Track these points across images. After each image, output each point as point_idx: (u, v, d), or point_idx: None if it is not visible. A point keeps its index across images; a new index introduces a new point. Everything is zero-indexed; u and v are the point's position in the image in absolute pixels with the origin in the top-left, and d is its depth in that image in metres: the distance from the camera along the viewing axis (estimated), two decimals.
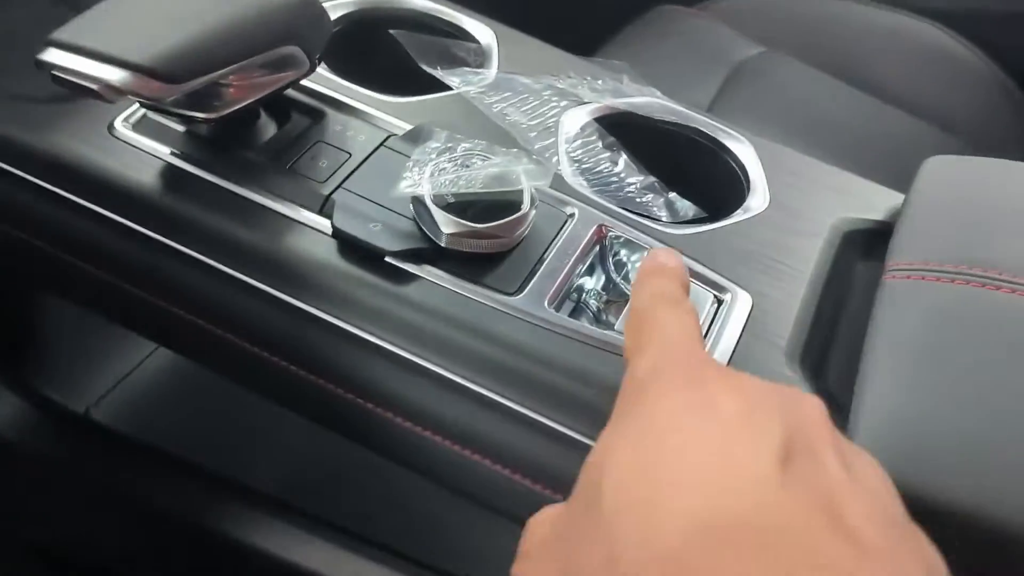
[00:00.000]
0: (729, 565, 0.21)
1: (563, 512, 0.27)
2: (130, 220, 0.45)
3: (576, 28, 1.10)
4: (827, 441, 0.25)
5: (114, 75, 0.38)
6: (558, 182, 0.47)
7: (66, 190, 0.46)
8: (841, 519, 0.22)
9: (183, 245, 0.44)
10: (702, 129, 0.53)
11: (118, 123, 0.47)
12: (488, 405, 0.40)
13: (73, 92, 0.40)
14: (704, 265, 0.45)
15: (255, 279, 0.43)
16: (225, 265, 0.43)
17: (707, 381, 0.26)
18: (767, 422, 0.25)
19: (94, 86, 0.39)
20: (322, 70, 0.51)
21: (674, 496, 0.23)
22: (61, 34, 0.39)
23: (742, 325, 0.43)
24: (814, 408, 0.26)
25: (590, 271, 0.45)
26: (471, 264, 0.43)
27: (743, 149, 0.52)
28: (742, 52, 1.02)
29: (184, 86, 0.40)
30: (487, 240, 0.42)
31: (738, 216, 0.48)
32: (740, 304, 0.43)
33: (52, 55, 0.39)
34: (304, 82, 0.48)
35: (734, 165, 0.51)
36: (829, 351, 0.44)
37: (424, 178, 0.43)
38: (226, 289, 0.44)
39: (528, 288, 0.42)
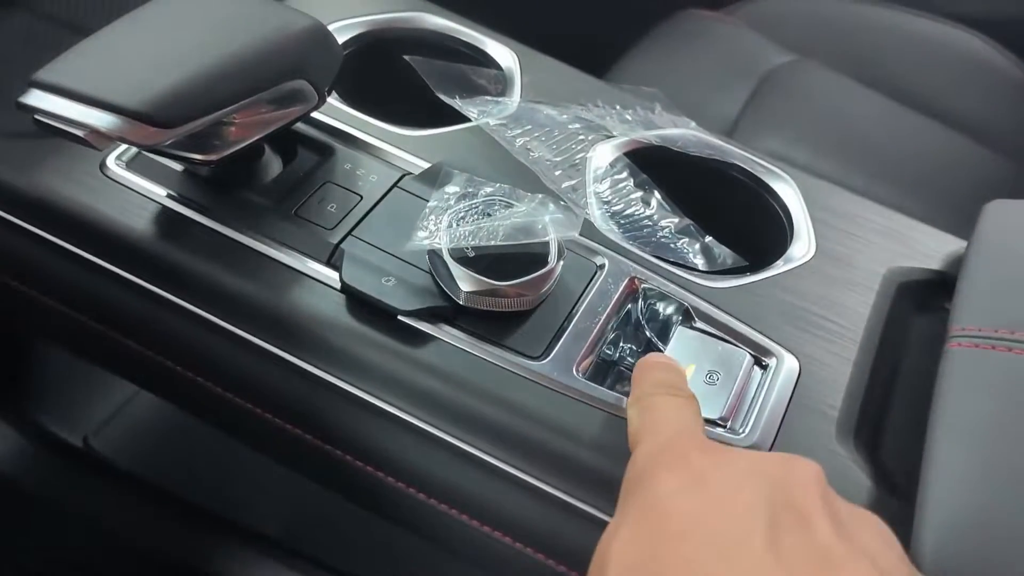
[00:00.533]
0: None
1: None
2: (123, 268, 0.41)
3: (596, 35, 1.07)
4: (818, 508, 0.25)
5: (103, 121, 0.35)
6: (587, 228, 0.44)
7: (54, 234, 0.43)
8: None
9: (180, 297, 0.41)
10: (742, 165, 0.49)
11: (110, 161, 0.43)
12: (509, 480, 0.37)
13: (58, 137, 0.36)
14: (746, 323, 0.41)
15: (257, 337, 0.40)
16: (225, 320, 0.40)
17: (696, 460, 0.27)
18: (755, 497, 0.25)
19: (81, 132, 0.35)
20: (331, 98, 0.48)
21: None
22: (45, 74, 0.36)
23: (790, 394, 0.39)
24: (806, 472, 0.27)
25: (622, 326, 0.42)
26: (492, 323, 0.39)
27: (786, 188, 0.48)
28: (771, 60, 0.97)
29: (180, 130, 0.36)
30: (510, 299, 0.38)
31: (782, 266, 0.44)
32: (787, 369, 0.40)
33: (35, 98, 0.36)
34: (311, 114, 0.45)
35: (776, 206, 0.47)
36: (885, 422, 0.40)
37: (441, 229, 0.39)
38: (226, 346, 0.40)
39: (555, 352, 0.39)
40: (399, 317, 0.39)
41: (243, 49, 0.38)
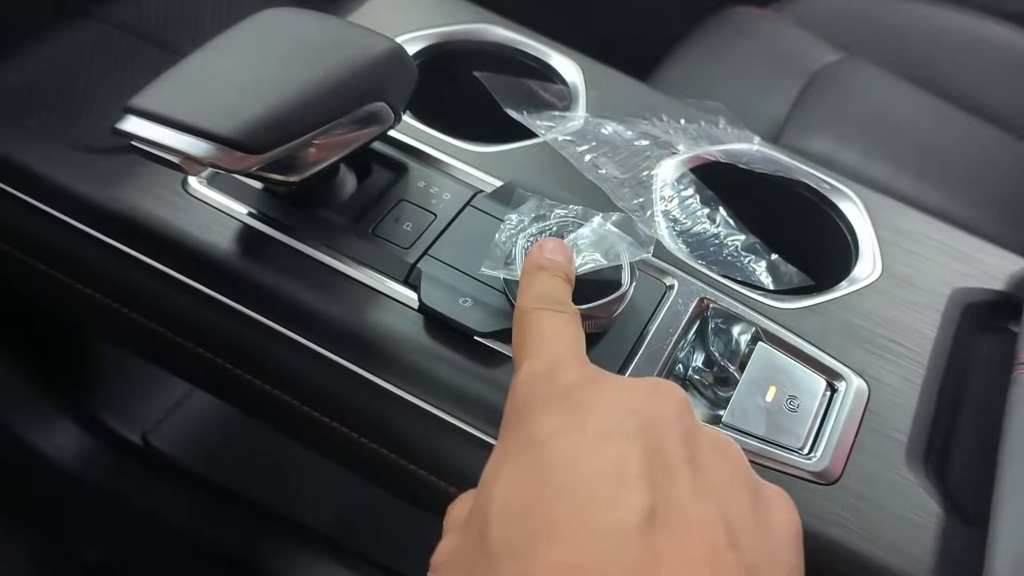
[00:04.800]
0: None
1: (463, 533, 0.28)
2: (204, 284, 0.42)
3: (641, 33, 1.06)
4: (680, 453, 0.26)
5: (196, 147, 0.36)
6: (655, 246, 0.44)
7: (136, 249, 0.44)
8: (679, 550, 0.24)
9: (260, 314, 0.42)
10: (807, 182, 0.49)
11: (192, 179, 0.44)
12: None
13: (151, 161, 0.37)
14: (815, 345, 0.42)
15: (335, 353, 0.41)
16: (304, 337, 0.41)
17: (575, 394, 0.28)
18: (626, 445, 0.26)
19: (175, 159, 0.36)
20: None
21: (548, 540, 0.24)
22: (139, 101, 0.37)
23: (859, 418, 0.39)
24: (671, 409, 0.28)
25: (692, 346, 0.42)
26: None
27: (851, 206, 0.48)
28: (819, 58, 0.97)
29: (268, 155, 0.37)
30: (586, 322, 0.39)
31: (848, 287, 0.45)
32: (856, 393, 0.40)
33: (131, 124, 0.37)
34: None
35: (841, 225, 0.48)
36: (952, 447, 0.40)
37: (517, 253, 0.40)
38: (305, 362, 0.41)
39: (628, 373, 0.39)
40: (476, 338, 0.40)
41: (328, 75, 0.39)
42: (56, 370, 0.65)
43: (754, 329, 0.42)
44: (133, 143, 0.37)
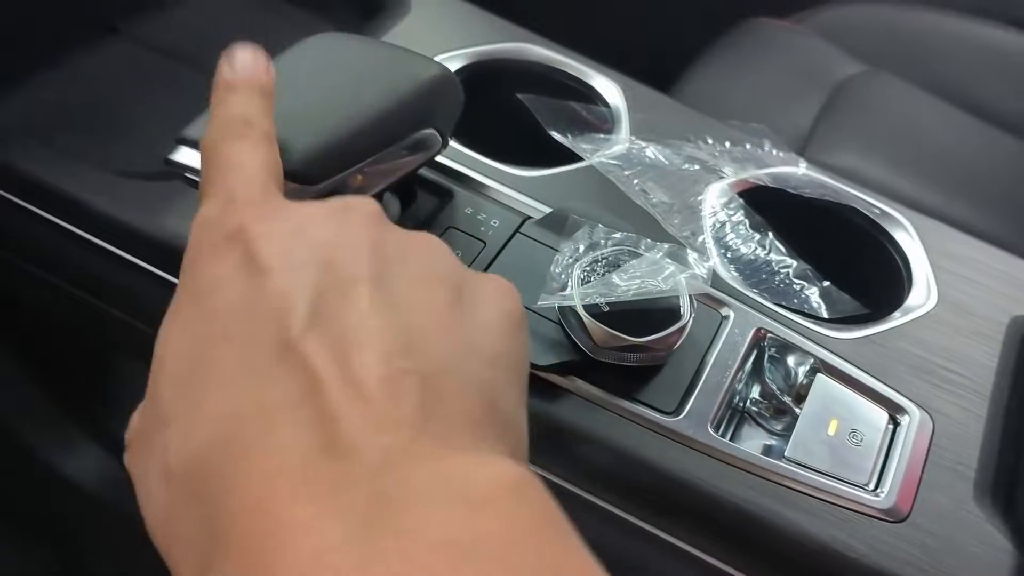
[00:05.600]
0: (238, 470, 0.20)
1: (144, 404, 0.25)
2: None
3: (662, 44, 1.05)
4: (362, 265, 0.24)
5: None
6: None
7: (176, 275, 0.43)
8: (345, 367, 0.21)
9: None
10: (856, 207, 0.48)
11: None
12: (651, 541, 0.37)
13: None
14: (875, 377, 0.41)
15: None
16: None
17: (251, 232, 0.25)
18: (300, 267, 0.23)
19: None
20: None
21: (213, 392, 0.22)
22: (192, 132, 0.36)
23: (925, 452, 0.39)
24: (357, 224, 0.25)
25: (750, 377, 0.41)
26: (624, 377, 0.39)
27: (902, 232, 0.47)
28: (843, 70, 0.96)
29: (321, 186, 0.36)
30: (647, 354, 0.38)
31: (904, 315, 0.44)
32: (919, 426, 0.39)
33: (183, 155, 0.36)
34: None
35: (893, 252, 0.47)
36: (1018, 478, 0.39)
37: (572, 283, 0.39)
38: None
39: (688, 407, 0.39)
40: (534, 371, 0.39)
41: (380, 104, 0.38)
42: (82, 393, 0.64)
43: (812, 360, 0.41)
44: (185, 174, 0.36)
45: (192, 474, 0.21)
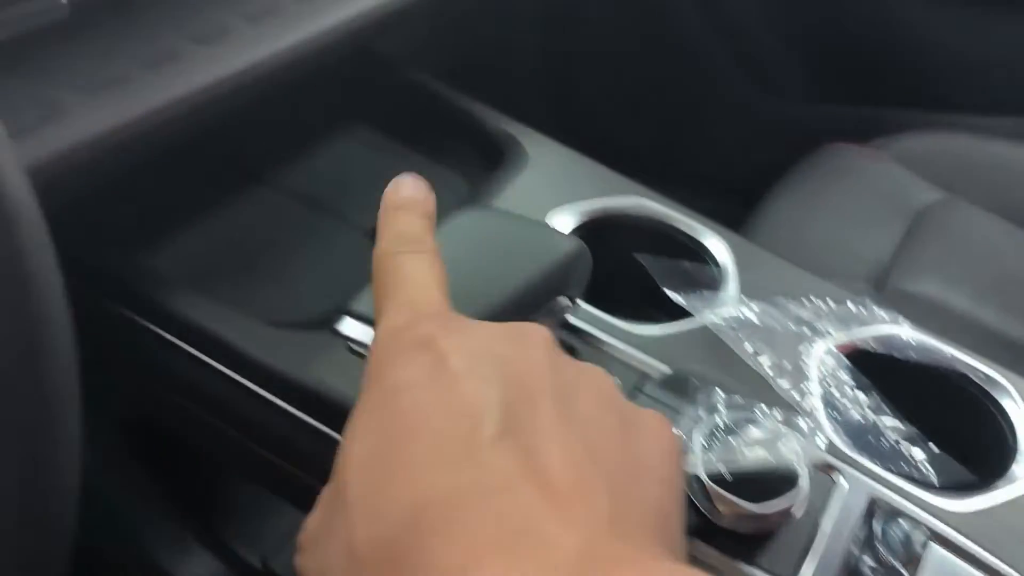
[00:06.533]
0: (435, 547, 0.22)
1: (323, 502, 0.27)
2: None
3: (739, 171, 1.09)
4: (545, 383, 0.26)
5: None
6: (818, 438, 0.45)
7: (321, 421, 0.46)
8: (539, 468, 0.23)
9: None
10: (966, 374, 0.50)
11: None
12: None
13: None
14: (989, 552, 0.42)
15: None
16: None
17: (440, 344, 0.27)
18: (483, 385, 0.25)
19: None
20: None
21: (402, 479, 0.23)
22: (359, 306, 0.40)
23: None
24: (537, 346, 0.27)
25: (864, 545, 0.43)
26: (739, 539, 0.41)
27: (1009, 402, 0.49)
28: (922, 198, 0.98)
29: None
30: (769, 522, 0.40)
31: (1013, 485, 0.45)
32: None
33: (349, 328, 0.40)
34: None
35: (1000, 418, 0.48)
36: None
37: (695, 449, 0.42)
38: None
39: (804, 574, 0.40)
40: None
41: (526, 281, 0.41)
42: (198, 503, 0.68)
43: (924, 530, 0.43)
44: (351, 344, 0.40)
45: (379, 554, 0.23)
